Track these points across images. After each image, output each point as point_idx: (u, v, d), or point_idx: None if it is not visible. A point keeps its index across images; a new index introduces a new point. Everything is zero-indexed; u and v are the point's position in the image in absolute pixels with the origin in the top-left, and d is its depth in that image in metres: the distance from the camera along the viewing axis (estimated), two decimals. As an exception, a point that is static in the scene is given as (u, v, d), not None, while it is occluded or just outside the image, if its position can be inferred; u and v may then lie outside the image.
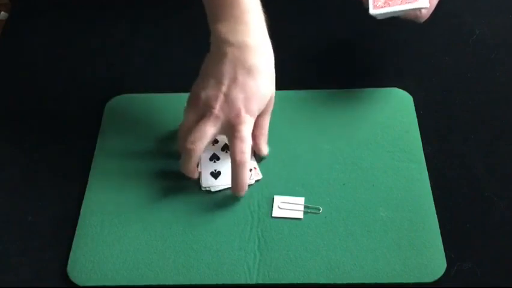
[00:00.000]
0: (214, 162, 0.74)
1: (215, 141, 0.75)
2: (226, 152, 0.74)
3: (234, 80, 0.67)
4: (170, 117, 0.80)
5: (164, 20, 0.94)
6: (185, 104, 0.75)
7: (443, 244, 0.66)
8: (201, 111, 0.69)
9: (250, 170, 0.73)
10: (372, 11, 0.69)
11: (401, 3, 0.66)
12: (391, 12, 0.67)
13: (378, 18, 0.69)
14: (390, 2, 0.67)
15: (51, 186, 0.75)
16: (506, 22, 0.90)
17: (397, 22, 0.91)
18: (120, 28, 0.94)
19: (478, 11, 0.91)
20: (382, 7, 0.67)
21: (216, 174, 0.73)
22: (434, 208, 0.69)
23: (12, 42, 0.94)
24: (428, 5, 0.67)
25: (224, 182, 0.72)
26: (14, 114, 0.84)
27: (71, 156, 0.78)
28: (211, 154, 0.75)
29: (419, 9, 0.67)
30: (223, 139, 0.75)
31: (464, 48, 0.87)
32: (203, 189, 0.72)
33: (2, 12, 0.98)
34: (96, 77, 0.87)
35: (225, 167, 0.73)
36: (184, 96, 0.82)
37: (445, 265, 0.65)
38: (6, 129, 0.82)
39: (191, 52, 0.89)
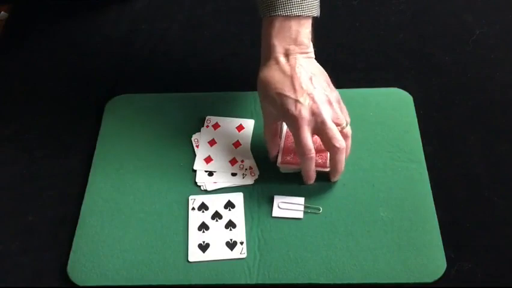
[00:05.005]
0: (203, 232, 0.69)
1: (205, 208, 0.71)
2: (217, 220, 0.70)
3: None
4: (170, 117, 0.80)
5: (164, 20, 0.94)
6: (184, 104, 0.75)
7: (443, 244, 0.66)
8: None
9: (246, 169, 0.74)
10: (279, 164, 0.73)
11: None
12: (297, 169, 0.72)
13: (282, 171, 0.73)
14: (299, 160, 0.71)
15: (51, 186, 0.75)
16: (506, 22, 0.90)
17: (397, 22, 0.91)
18: (120, 28, 0.94)
19: (478, 11, 0.91)
20: (290, 163, 0.72)
21: (204, 247, 0.68)
22: (434, 208, 0.69)
23: (12, 42, 0.94)
24: (329, 169, 0.71)
25: (213, 257, 0.67)
26: (14, 114, 0.84)
27: (71, 156, 0.78)
28: (200, 223, 0.70)
29: (322, 172, 0.71)
30: (213, 206, 0.71)
31: (464, 48, 0.87)
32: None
33: (2, 12, 0.98)
34: (96, 77, 0.87)
35: (213, 238, 0.69)
36: (184, 96, 0.82)
37: (445, 265, 0.65)
38: (6, 129, 0.82)
39: (191, 52, 0.89)
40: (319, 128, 0.67)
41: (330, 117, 0.67)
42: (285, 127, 0.75)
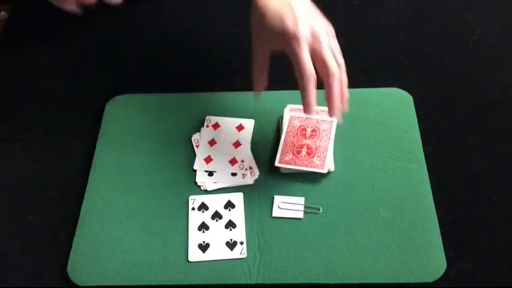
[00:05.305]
0: (203, 232, 0.69)
1: (205, 208, 0.71)
2: (217, 220, 0.70)
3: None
4: (170, 117, 0.80)
5: (163, 21, 0.94)
6: (184, 104, 0.74)
7: (443, 244, 0.66)
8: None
9: (246, 169, 0.73)
10: (278, 164, 0.73)
11: (306, 166, 0.72)
12: (295, 169, 0.72)
13: (282, 171, 0.74)
14: (297, 161, 0.72)
15: (51, 186, 0.75)
16: (506, 22, 0.90)
17: (397, 22, 0.91)
18: (120, 28, 0.94)
19: (478, 11, 0.91)
20: (288, 163, 0.72)
21: (204, 247, 0.68)
22: (434, 208, 0.69)
23: (12, 42, 0.94)
24: (327, 171, 0.72)
25: (213, 256, 0.67)
26: (14, 114, 0.84)
27: (71, 156, 0.78)
28: (200, 223, 0.70)
29: (320, 172, 0.72)
30: (213, 206, 0.71)
31: (464, 48, 0.87)
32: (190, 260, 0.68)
33: (2, 12, 0.98)
34: (96, 77, 0.87)
35: (213, 238, 0.69)
36: (184, 96, 0.82)
37: (445, 265, 0.65)
38: (6, 128, 0.82)
39: (191, 52, 0.89)
40: (316, 51, 0.66)
41: (328, 43, 0.67)
42: (285, 127, 0.75)
